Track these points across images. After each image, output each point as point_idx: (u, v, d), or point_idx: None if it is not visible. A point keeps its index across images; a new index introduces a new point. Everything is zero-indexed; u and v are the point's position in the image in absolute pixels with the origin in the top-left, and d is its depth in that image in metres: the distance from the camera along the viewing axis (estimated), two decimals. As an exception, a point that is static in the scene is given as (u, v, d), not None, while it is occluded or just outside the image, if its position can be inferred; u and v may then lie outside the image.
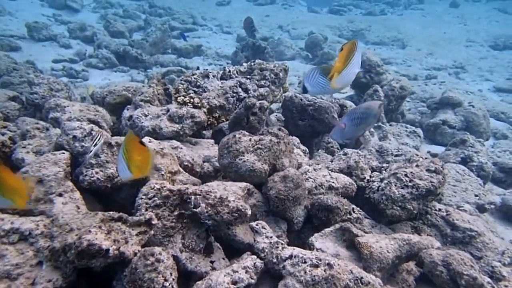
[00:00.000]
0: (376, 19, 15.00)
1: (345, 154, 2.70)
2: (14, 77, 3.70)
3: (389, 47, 11.93)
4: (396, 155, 3.01)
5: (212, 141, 2.85)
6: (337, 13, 16.00)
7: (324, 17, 15.04)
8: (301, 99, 3.34)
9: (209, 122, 3.02)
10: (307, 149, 2.99)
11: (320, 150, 3.25)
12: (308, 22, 13.60)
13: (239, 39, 10.73)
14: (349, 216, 2.22)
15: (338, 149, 3.32)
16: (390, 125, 4.51)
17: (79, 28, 8.16)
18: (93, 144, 2.38)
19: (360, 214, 2.26)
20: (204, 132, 3.07)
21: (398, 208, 2.17)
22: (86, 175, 1.99)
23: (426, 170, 2.28)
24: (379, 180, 2.37)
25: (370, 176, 2.47)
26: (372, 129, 3.95)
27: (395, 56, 10.69)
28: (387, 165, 2.55)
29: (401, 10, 17.55)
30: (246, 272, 1.76)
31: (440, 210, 2.27)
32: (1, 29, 7.28)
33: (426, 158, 2.48)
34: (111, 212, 1.65)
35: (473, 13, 15.93)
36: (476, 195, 2.81)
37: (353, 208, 2.28)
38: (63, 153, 1.93)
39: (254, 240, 2.00)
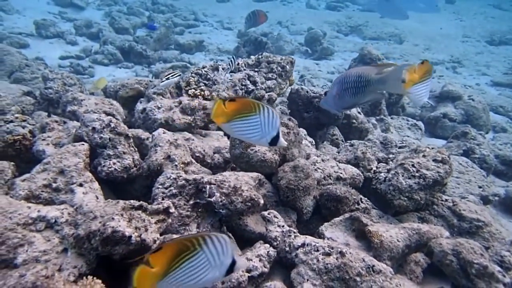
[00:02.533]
0: (373, 15, 14.88)
1: (351, 145, 2.70)
2: (26, 73, 3.68)
3: (387, 42, 11.86)
4: (400, 147, 3.01)
5: (221, 133, 2.85)
6: (334, 9, 15.89)
7: (322, 13, 14.94)
8: (307, 91, 3.33)
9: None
10: (313, 141, 3.00)
11: (325, 142, 3.25)
12: (306, 18, 13.51)
13: (240, 34, 10.66)
14: (357, 206, 2.23)
15: (342, 141, 3.33)
16: (392, 118, 4.51)
17: (85, 25, 8.10)
18: (165, 77, 2.42)
19: (368, 204, 2.27)
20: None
21: (405, 198, 2.18)
22: (104, 165, 1.99)
23: (433, 160, 2.28)
24: (386, 171, 2.38)
25: (377, 167, 2.48)
26: (375, 122, 3.95)
27: (393, 51, 10.64)
28: (393, 156, 2.55)
29: (398, 6, 17.40)
30: (260, 260, 1.77)
31: (446, 200, 2.27)
32: (10, 26, 7.22)
33: (432, 148, 2.48)
34: (131, 201, 1.66)
35: (468, 9, 15.83)
36: (480, 187, 2.81)
37: (361, 198, 2.29)
38: (83, 144, 1.93)
39: (266, 229, 2.01)
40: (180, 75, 2.65)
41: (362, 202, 2.27)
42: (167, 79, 2.58)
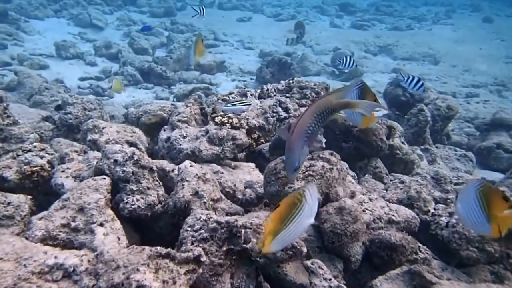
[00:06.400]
0: (403, 34, 14.89)
1: (402, 182, 2.52)
2: (46, 96, 3.77)
3: (420, 62, 11.72)
4: (456, 184, 2.79)
5: (252, 165, 2.74)
6: (360, 28, 15.99)
7: (348, 32, 15.05)
8: (345, 119, 3.20)
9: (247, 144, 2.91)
10: (355, 175, 2.83)
11: (367, 175, 3.07)
12: (331, 38, 13.62)
13: (262, 54, 10.81)
14: (415, 256, 2.02)
15: (386, 174, 3.14)
16: (437, 147, 4.28)
17: (105, 46, 8.44)
18: (232, 104, 2.33)
19: (427, 254, 2.06)
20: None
21: (475, 249, 1.95)
22: (127, 202, 1.90)
23: (503, 204, 2.06)
24: (447, 214, 2.17)
25: (435, 209, 2.27)
26: (420, 152, 3.74)
27: (428, 72, 10.46)
28: (453, 196, 2.34)
29: (429, 25, 17.37)
30: (305, 320, 1.59)
31: (525, 252, 2.03)
32: (31, 48, 7.63)
33: (497, 189, 2.25)
34: (158, 248, 1.54)
35: (509, 28, 15.56)
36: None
37: (419, 247, 2.08)
38: (104, 178, 1.86)
39: (310, 283, 1.83)
40: (250, 104, 2.57)
41: (421, 251, 2.05)
42: (234, 105, 2.49)
